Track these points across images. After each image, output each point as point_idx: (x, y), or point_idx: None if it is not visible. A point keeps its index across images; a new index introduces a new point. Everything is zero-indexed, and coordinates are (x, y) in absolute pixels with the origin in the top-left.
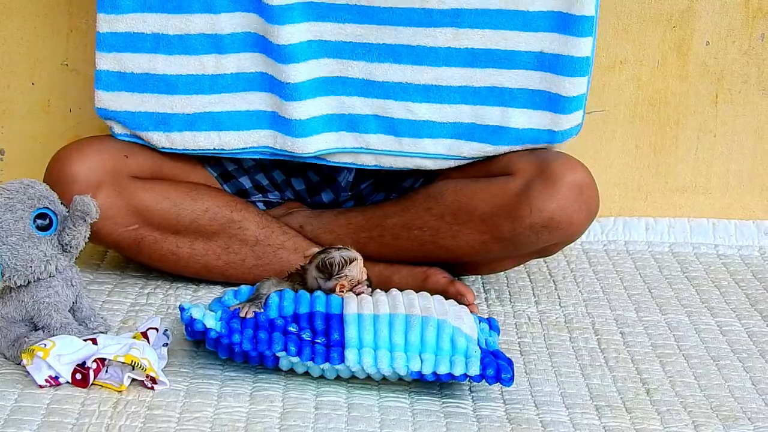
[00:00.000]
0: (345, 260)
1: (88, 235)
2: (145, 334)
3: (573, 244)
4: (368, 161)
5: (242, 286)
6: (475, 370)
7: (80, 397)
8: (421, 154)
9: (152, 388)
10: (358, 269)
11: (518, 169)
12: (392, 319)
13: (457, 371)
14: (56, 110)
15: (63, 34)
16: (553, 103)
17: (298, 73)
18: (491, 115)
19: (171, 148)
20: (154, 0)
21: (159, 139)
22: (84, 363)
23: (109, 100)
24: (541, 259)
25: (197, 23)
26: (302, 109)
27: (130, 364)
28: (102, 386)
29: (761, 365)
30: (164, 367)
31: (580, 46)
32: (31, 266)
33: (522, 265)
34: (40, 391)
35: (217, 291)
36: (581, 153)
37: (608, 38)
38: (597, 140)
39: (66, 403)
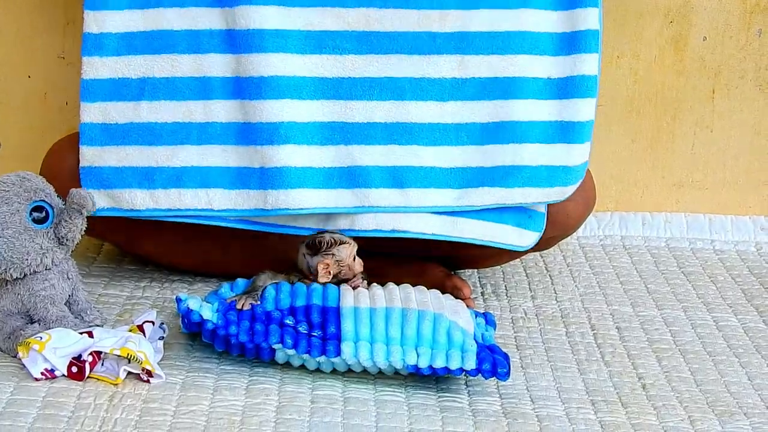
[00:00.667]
0: (335, 240)
1: (84, 228)
2: (141, 327)
3: (569, 238)
4: (367, 225)
5: (238, 279)
6: (471, 364)
7: (76, 390)
8: (427, 209)
9: (148, 381)
10: (347, 253)
11: None
12: (389, 313)
13: (454, 365)
14: (52, 103)
15: (59, 27)
16: (565, 131)
17: (290, 111)
18: (502, 154)
19: (155, 209)
20: (139, 40)
21: (143, 198)
22: (80, 356)
23: (93, 156)
24: (537, 254)
25: (185, 65)
26: (297, 156)
27: (126, 357)
28: (98, 379)
29: (757, 360)
30: (160, 361)
31: (588, 63)
32: (27, 259)
33: (518, 260)
34: (36, 384)
35: (212, 284)
36: None
37: (606, 32)
38: (594, 134)
39: (62, 396)
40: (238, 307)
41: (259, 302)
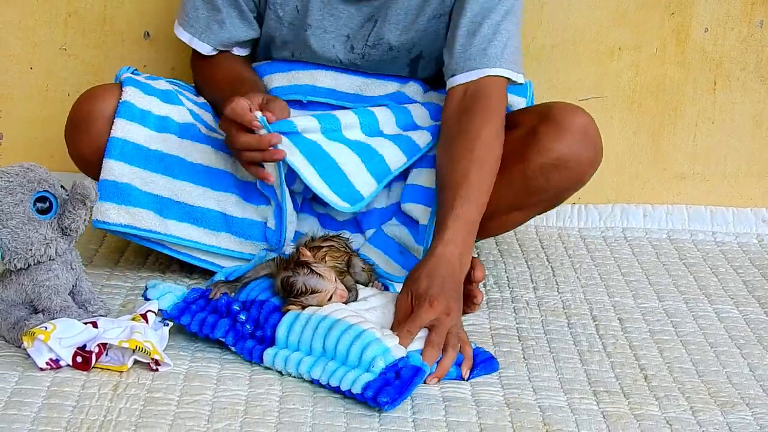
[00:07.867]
0: (306, 288)
1: (87, 219)
2: (144, 316)
3: (571, 230)
4: None
5: (239, 267)
6: (356, 388)
7: (80, 380)
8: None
9: (156, 369)
10: (317, 301)
11: (522, 121)
12: (320, 322)
13: (345, 385)
14: (54, 94)
15: (61, 19)
16: None
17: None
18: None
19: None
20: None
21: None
22: (85, 346)
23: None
24: (540, 246)
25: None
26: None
27: (134, 349)
28: (102, 368)
29: (759, 352)
30: (164, 349)
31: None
32: (31, 249)
33: (520, 251)
34: (41, 373)
35: (210, 275)
36: None
37: (606, 25)
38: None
39: (66, 386)
40: (211, 296)
41: (233, 294)
